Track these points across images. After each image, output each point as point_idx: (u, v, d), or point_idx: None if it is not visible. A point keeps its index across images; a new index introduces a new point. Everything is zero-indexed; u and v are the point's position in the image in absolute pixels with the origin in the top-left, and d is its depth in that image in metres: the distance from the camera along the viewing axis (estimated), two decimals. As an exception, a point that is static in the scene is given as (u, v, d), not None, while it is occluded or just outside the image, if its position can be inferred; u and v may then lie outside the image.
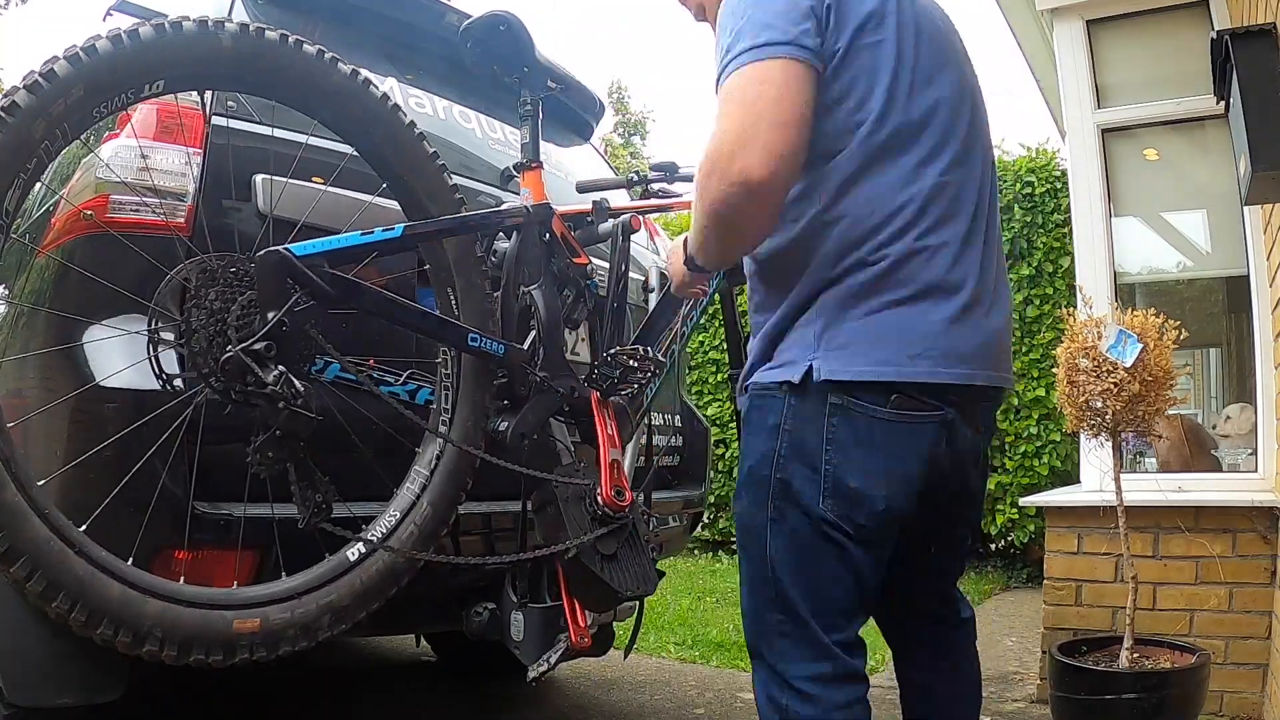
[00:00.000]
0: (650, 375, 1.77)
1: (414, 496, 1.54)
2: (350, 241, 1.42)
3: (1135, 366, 2.50)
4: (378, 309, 1.45)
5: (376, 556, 1.48)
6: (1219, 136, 3.13)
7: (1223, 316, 4.10)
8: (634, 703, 2.94)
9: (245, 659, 1.33)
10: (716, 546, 6.37)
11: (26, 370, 1.52)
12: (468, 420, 1.59)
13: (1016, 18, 4.20)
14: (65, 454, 1.38)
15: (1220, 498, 2.85)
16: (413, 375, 1.62)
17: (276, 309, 1.30)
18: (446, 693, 3.04)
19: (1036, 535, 4.90)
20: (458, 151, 2.03)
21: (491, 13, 1.70)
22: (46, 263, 1.55)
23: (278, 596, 1.38)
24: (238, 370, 1.27)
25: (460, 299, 1.60)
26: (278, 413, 1.27)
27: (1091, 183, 3.40)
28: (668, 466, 2.43)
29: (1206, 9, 3.27)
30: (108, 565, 1.23)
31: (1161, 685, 2.39)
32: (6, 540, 1.13)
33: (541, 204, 1.74)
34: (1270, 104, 2.01)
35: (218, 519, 1.44)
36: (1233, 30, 2.13)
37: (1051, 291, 5.06)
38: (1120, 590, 2.69)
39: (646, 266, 2.28)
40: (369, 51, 1.94)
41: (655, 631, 3.92)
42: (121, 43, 1.22)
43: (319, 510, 1.33)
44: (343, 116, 1.48)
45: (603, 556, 1.59)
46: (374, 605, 1.48)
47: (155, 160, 1.51)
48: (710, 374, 6.18)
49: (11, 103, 1.15)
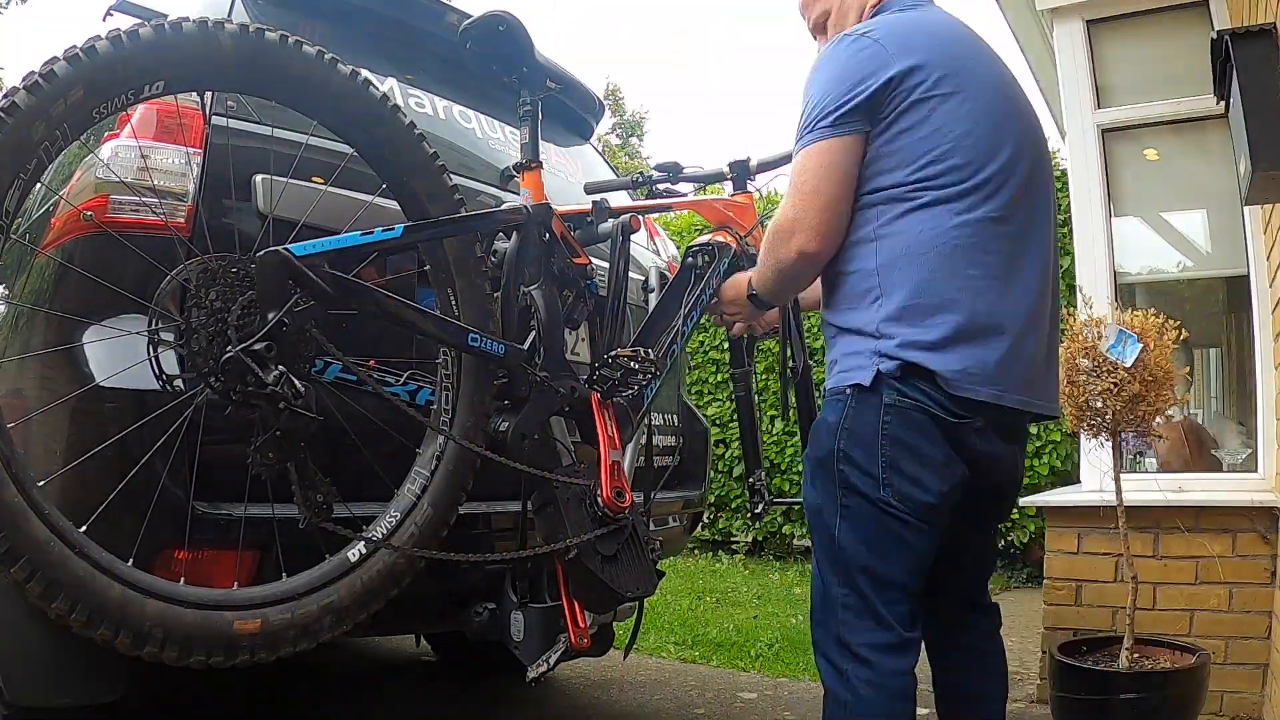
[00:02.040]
0: (651, 376, 1.77)
1: (415, 497, 1.54)
2: (350, 241, 1.42)
3: (1135, 366, 2.50)
4: (378, 309, 1.44)
5: (377, 557, 1.47)
6: (1219, 136, 3.12)
7: (1223, 316, 4.09)
8: (634, 703, 2.94)
9: (246, 660, 1.33)
10: (716, 546, 6.37)
11: (26, 370, 1.52)
12: (468, 420, 1.59)
13: (1016, 18, 4.20)
14: (65, 454, 1.37)
15: (1220, 498, 2.85)
16: (413, 375, 1.62)
17: (276, 309, 1.30)
18: (446, 693, 3.04)
19: (1036, 535, 4.90)
20: (457, 151, 2.03)
21: (491, 13, 1.69)
22: (46, 263, 1.55)
23: (278, 597, 1.38)
24: (238, 370, 1.27)
25: (460, 299, 1.60)
26: (278, 413, 1.27)
27: (1091, 183, 3.40)
28: (667, 466, 2.43)
29: (1206, 9, 3.27)
30: (108, 566, 1.22)
31: (1161, 685, 2.39)
32: (7, 541, 1.13)
33: (541, 204, 1.74)
34: (1270, 104, 2.01)
35: (218, 519, 1.44)
36: (1233, 30, 2.12)
37: (1051, 291, 5.06)
38: (1120, 590, 2.68)
39: (646, 266, 2.28)
40: (369, 51, 1.94)
41: (655, 631, 3.92)
42: (121, 43, 1.22)
43: (320, 510, 1.33)
44: (343, 117, 1.48)
45: (603, 557, 1.59)
46: (375, 607, 1.47)
47: (155, 160, 1.51)
48: (710, 374, 6.18)
49: (11, 103, 1.14)
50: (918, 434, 1.41)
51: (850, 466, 1.44)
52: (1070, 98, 3.48)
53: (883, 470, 1.41)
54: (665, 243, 2.71)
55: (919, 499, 1.41)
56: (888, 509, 1.41)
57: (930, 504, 1.42)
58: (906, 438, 1.41)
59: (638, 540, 1.65)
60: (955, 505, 1.46)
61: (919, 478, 1.41)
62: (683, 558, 5.93)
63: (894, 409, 1.41)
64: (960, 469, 1.44)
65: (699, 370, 6.22)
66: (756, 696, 3.04)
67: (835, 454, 1.46)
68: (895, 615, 1.43)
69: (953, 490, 1.44)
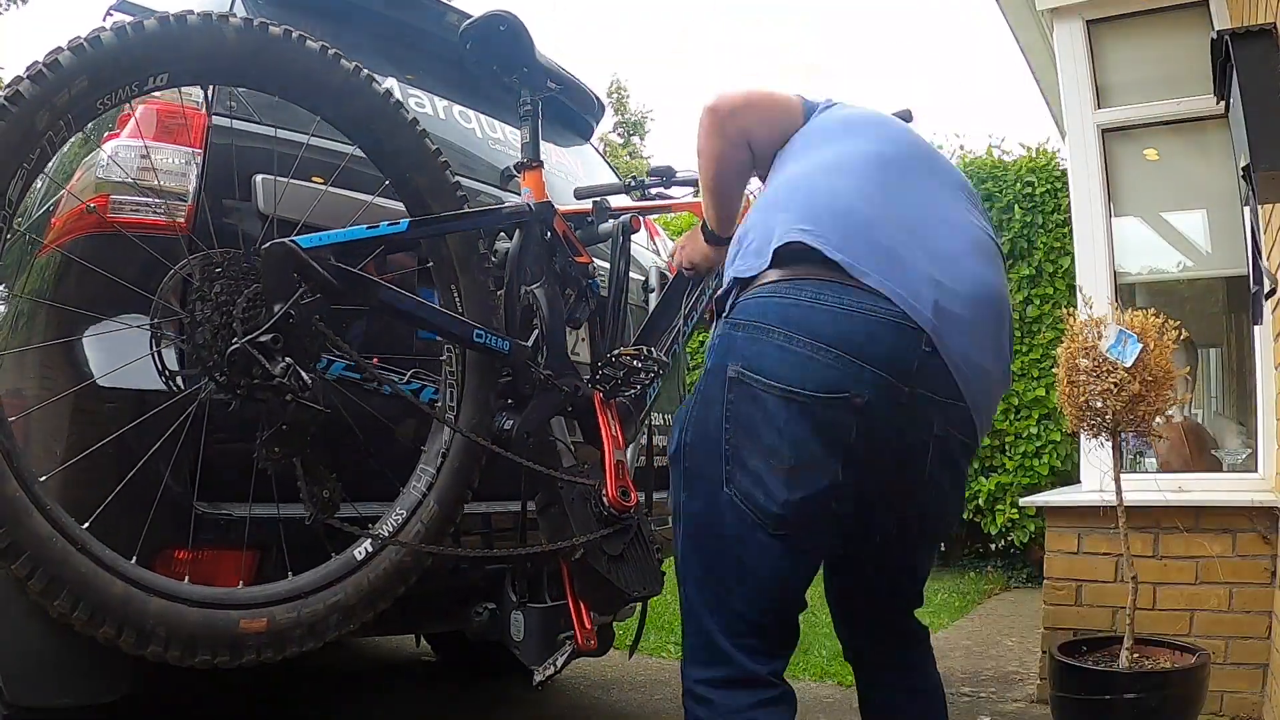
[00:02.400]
0: (654, 376, 1.77)
1: (420, 494, 1.53)
2: (356, 235, 1.41)
3: (1135, 366, 2.50)
4: (383, 303, 1.44)
5: (384, 555, 1.46)
6: (1219, 136, 3.12)
7: (1223, 316, 4.10)
8: (634, 703, 2.94)
9: (253, 660, 1.32)
10: (716, 547, 6.35)
11: (28, 367, 1.52)
12: (473, 418, 1.59)
13: (1016, 18, 4.20)
14: (67, 450, 1.37)
15: (1220, 498, 2.85)
16: (417, 374, 1.61)
17: (283, 301, 1.29)
18: (446, 693, 3.03)
19: (1036, 535, 4.90)
20: (458, 151, 2.02)
21: (492, 12, 1.69)
22: (48, 261, 1.55)
23: (285, 596, 1.37)
24: (244, 363, 1.26)
25: (464, 296, 1.59)
26: (285, 406, 1.26)
27: (1091, 183, 3.40)
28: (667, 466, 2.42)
29: (1206, 9, 3.27)
30: (110, 563, 1.21)
31: (1161, 685, 2.39)
32: (8, 536, 1.12)
33: (544, 202, 1.74)
34: (1270, 104, 2.01)
35: (220, 517, 1.43)
36: (1233, 30, 2.12)
37: (1051, 291, 5.07)
38: (1120, 590, 2.68)
39: (646, 266, 2.28)
40: (369, 51, 1.93)
41: (655, 631, 3.92)
42: (126, 35, 1.22)
43: (326, 506, 1.32)
44: (345, 113, 1.48)
45: (609, 557, 1.59)
46: (382, 605, 1.47)
47: (156, 160, 1.51)
48: (709, 374, 6.17)
49: (15, 92, 1.14)
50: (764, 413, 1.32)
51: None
52: (1070, 98, 3.48)
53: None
54: (665, 242, 2.71)
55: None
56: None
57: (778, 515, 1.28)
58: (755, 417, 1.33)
59: (643, 540, 1.65)
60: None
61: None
62: (682, 558, 5.92)
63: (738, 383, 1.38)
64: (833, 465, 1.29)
65: (699, 370, 6.20)
66: (757, 696, 3.03)
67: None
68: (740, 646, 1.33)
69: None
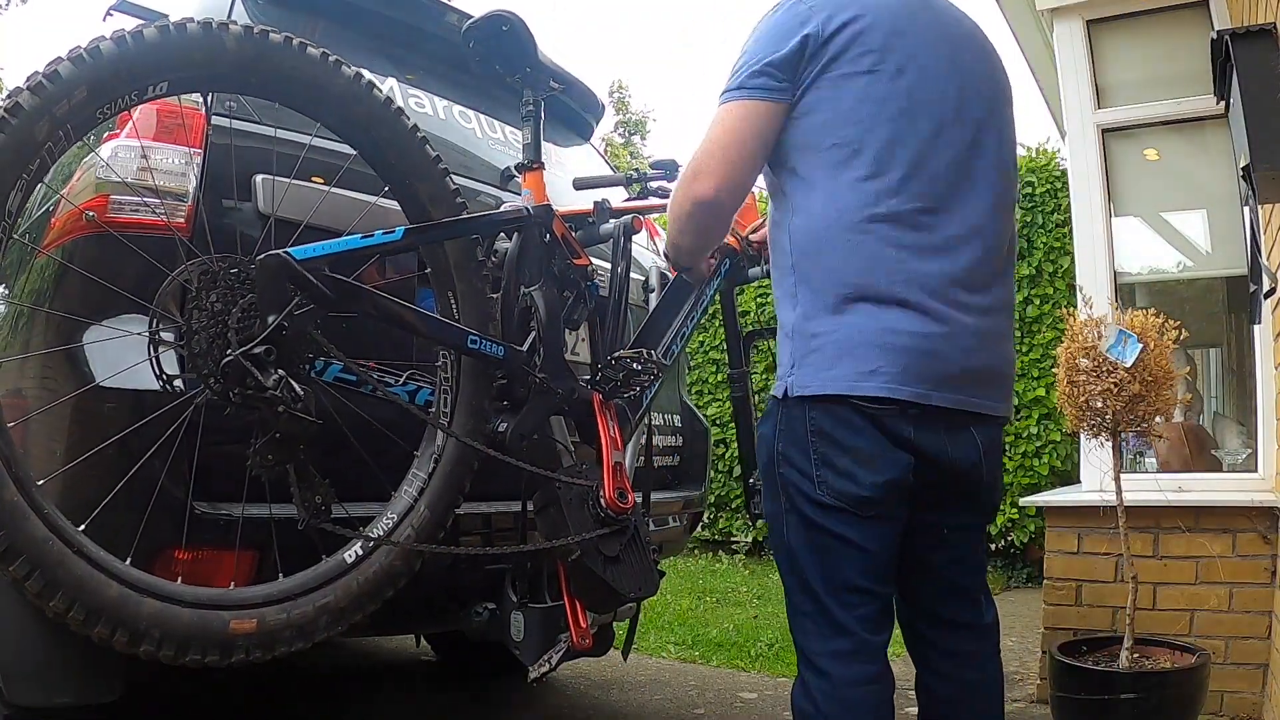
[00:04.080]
0: (654, 377, 1.77)
1: (411, 499, 1.53)
2: (351, 245, 1.42)
3: (1135, 366, 2.50)
4: (378, 312, 1.44)
5: (374, 558, 1.47)
6: (1219, 136, 3.12)
7: (1223, 316, 4.10)
8: (634, 703, 2.94)
9: (242, 659, 1.33)
10: (716, 546, 6.37)
11: (27, 370, 1.52)
12: (468, 422, 1.59)
13: (1016, 18, 4.20)
14: (65, 454, 1.37)
15: (1220, 498, 2.85)
16: (412, 376, 1.61)
17: (276, 313, 1.30)
18: (446, 693, 3.04)
19: (1036, 535, 4.90)
20: (458, 151, 2.03)
21: (493, 12, 1.69)
22: (47, 263, 1.55)
23: (275, 597, 1.37)
24: (238, 374, 1.27)
25: (460, 301, 1.60)
26: (277, 416, 1.27)
27: (1091, 183, 3.40)
28: (668, 466, 2.43)
29: (1206, 9, 3.27)
30: (106, 565, 1.22)
31: (1161, 685, 2.39)
32: (6, 539, 1.13)
33: (542, 205, 1.73)
34: (1270, 104, 2.01)
35: (216, 519, 1.44)
36: (1233, 30, 2.12)
37: (1051, 291, 5.07)
38: (1120, 590, 2.68)
39: (646, 267, 2.28)
40: (369, 52, 1.94)
41: (655, 631, 3.92)
42: (126, 44, 1.22)
43: (318, 512, 1.33)
44: (346, 119, 1.48)
45: (605, 558, 1.59)
46: (370, 608, 1.47)
47: (155, 160, 1.51)
48: (710, 374, 6.18)
49: (15, 103, 1.14)
50: (844, 427, 1.36)
51: (789, 468, 1.41)
52: (1070, 98, 3.48)
53: (816, 468, 1.37)
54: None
55: (853, 493, 1.36)
56: (825, 506, 1.37)
57: (865, 497, 1.36)
58: (834, 432, 1.36)
59: (639, 541, 1.65)
60: (909, 500, 1.40)
61: (852, 472, 1.36)
62: (683, 558, 5.93)
63: (818, 404, 1.37)
64: (902, 459, 1.37)
65: (699, 370, 6.22)
66: (756, 696, 3.04)
67: (775, 459, 1.43)
68: (854, 619, 1.37)
69: (892, 483, 1.37)
